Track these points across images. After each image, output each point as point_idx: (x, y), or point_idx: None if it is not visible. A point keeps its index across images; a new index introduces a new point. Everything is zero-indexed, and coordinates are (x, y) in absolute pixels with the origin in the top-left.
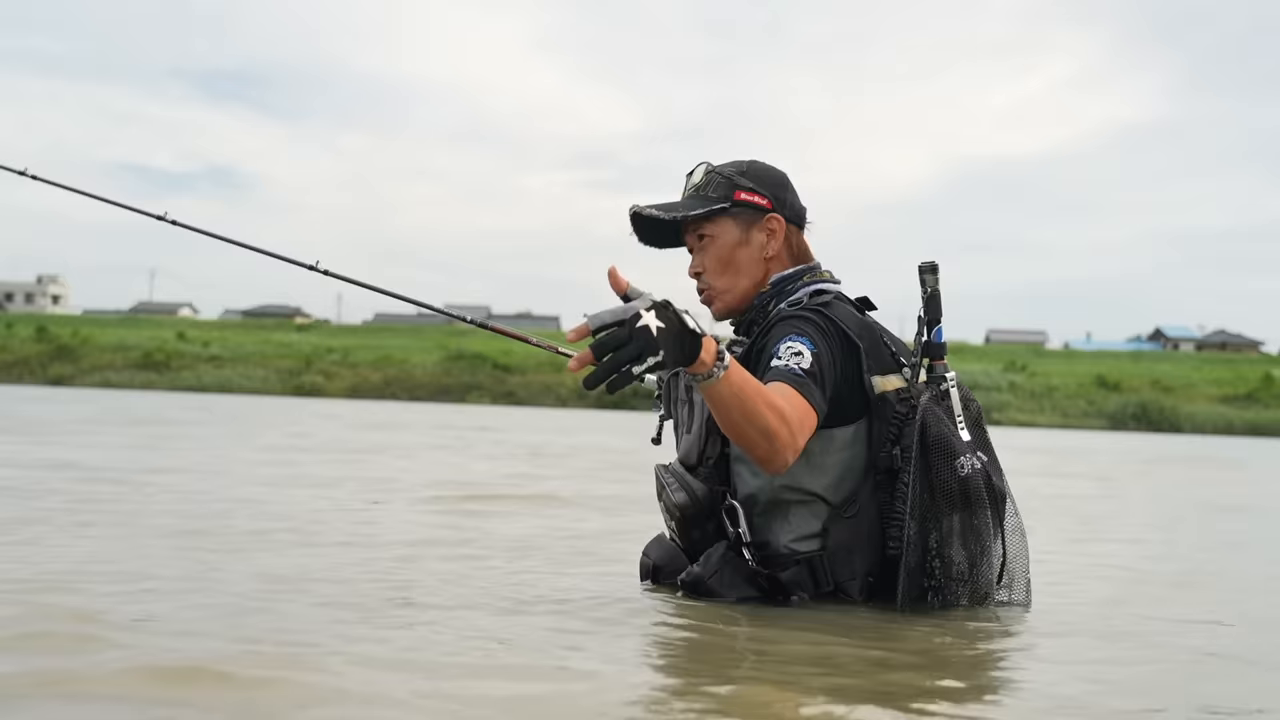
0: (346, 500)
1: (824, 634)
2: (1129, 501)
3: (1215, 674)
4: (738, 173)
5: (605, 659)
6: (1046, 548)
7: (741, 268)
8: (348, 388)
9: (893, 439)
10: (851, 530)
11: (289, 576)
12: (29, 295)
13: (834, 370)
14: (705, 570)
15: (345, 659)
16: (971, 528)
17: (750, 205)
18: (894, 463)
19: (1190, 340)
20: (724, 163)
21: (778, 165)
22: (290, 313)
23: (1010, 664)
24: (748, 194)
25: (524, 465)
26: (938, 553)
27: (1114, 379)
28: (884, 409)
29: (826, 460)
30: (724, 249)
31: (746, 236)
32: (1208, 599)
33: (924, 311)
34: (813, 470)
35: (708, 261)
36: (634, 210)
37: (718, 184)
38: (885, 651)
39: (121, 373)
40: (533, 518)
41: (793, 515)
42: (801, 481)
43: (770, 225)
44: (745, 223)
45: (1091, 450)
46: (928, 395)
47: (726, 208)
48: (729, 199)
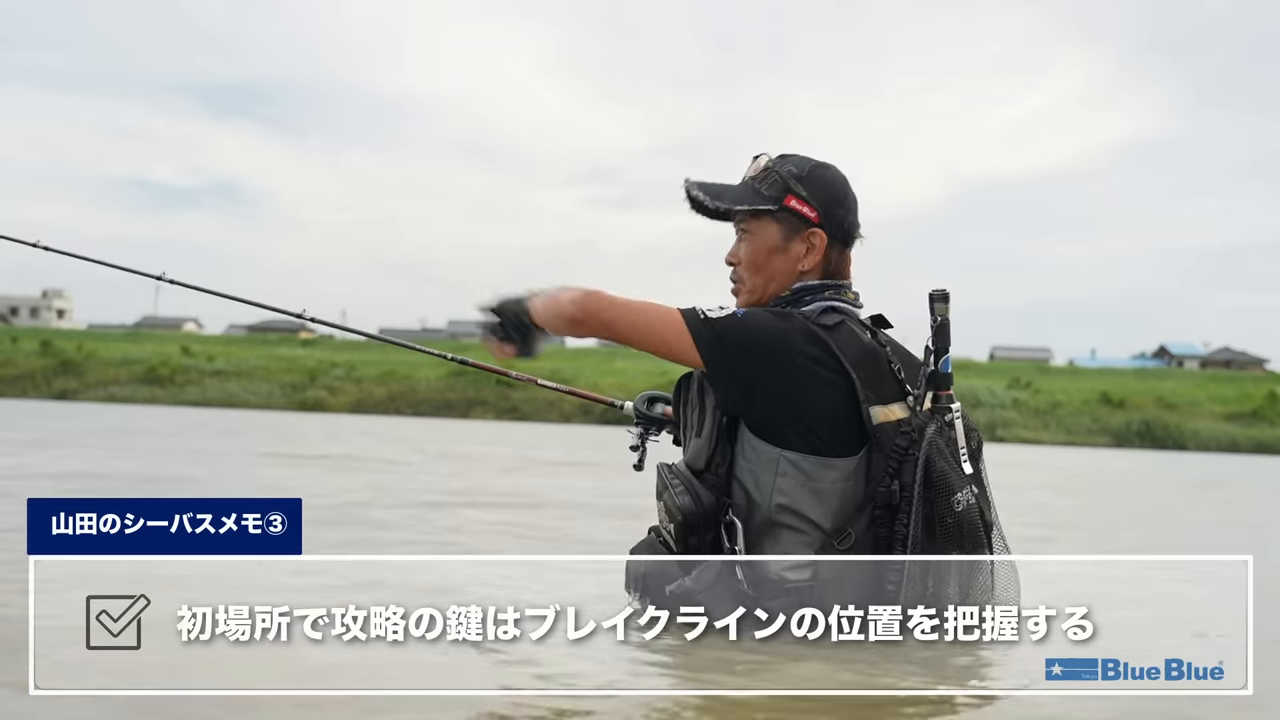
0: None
1: (817, 648)
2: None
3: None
4: (795, 177)
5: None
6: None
7: (773, 273)
8: (352, 402)
9: (892, 473)
10: (844, 563)
11: None
12: (34, 309)
13: (745, 350)
14: (698, 585)
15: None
16: (967, 564)
17: (797, 214)
18: (892, 499)
19: (1195, 358)
20: (788, 157)
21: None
22: (295, 328)
23: (1011, 674)
24: (799, 202)
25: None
26: (934, 590)
27: (1118, 396)
28: (883, 441)
29: (825, 488)
30: (760, 250)
31: (785, 244)
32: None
33: (932, 341)
34: (811, 497)
35: (743, 255)
36: (686, 185)
37: (773, 182)
38: (885, 661)
39: (125, 387)
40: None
41: (785, 540)
42: (800, 506)
43: (811, 239)
44: (788, 229)
45: (1111, 470)
46: (933, 428)
47: (774, 210)
48: (778, 202)
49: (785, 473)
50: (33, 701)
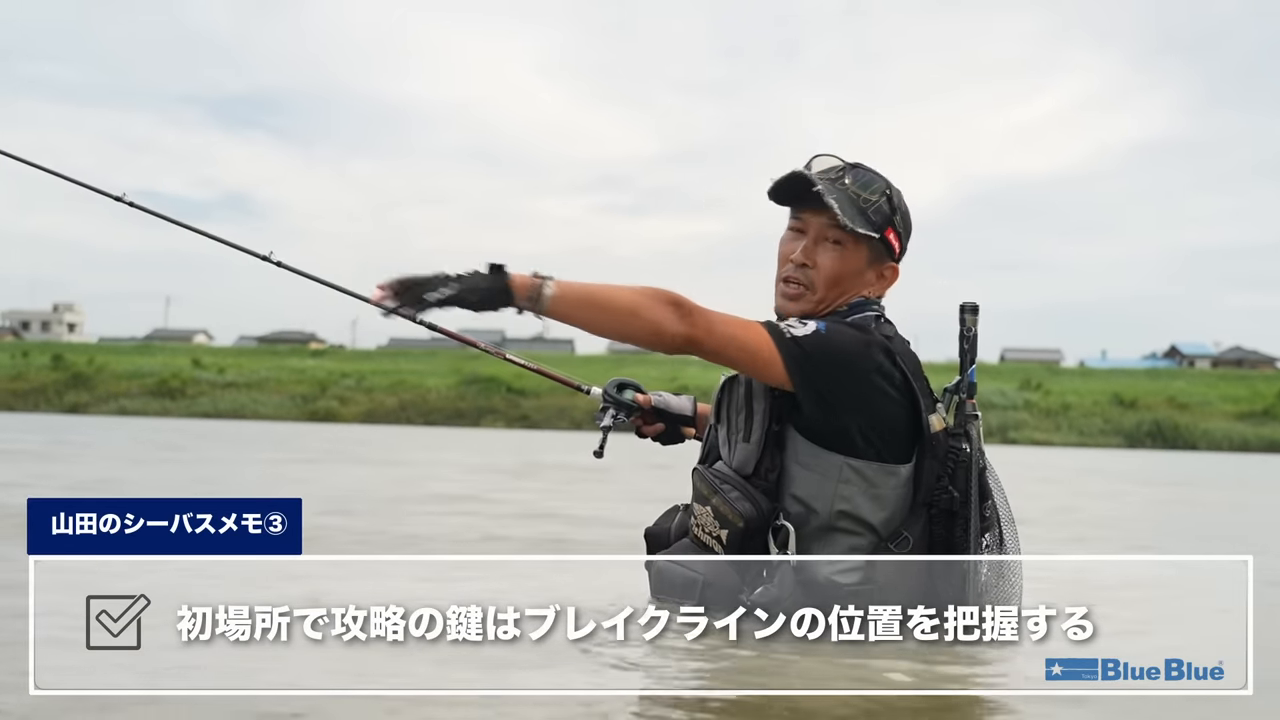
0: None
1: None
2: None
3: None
4: (895, 211)
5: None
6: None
7: (845, 292)
8: (363, 413)
9: (949, 477)
10: (899, 566)
11: None
12: (45, 323)
13: (830, 375)
14: (782, 591)
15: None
16: (1002, 564)
17: (889, 246)
18: (954, 504)
19: (1206, 357)
20: (874, 176)
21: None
22: (305, 339)
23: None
24: (895, 236)
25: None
26: (990, 596)
27: (1130, 397)
28: (936, 448)
29: (887, 494)
30: (848, 269)
31: (866, 269)
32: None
33: (964, 351)
34: (872, 502)
35: (823, 263)
36: (812, 185)
37: (880, 209)
38: (885, 661)
39: (136, 400)
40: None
41: (838, 544)
42: (861, 511)
43: (886, 271)
44: (874, 256)
45: (1115, 472)
46: (977, 435)
47: (874, 237)
48: (881, 231)
49: (848, 479)
50: (33, 701)
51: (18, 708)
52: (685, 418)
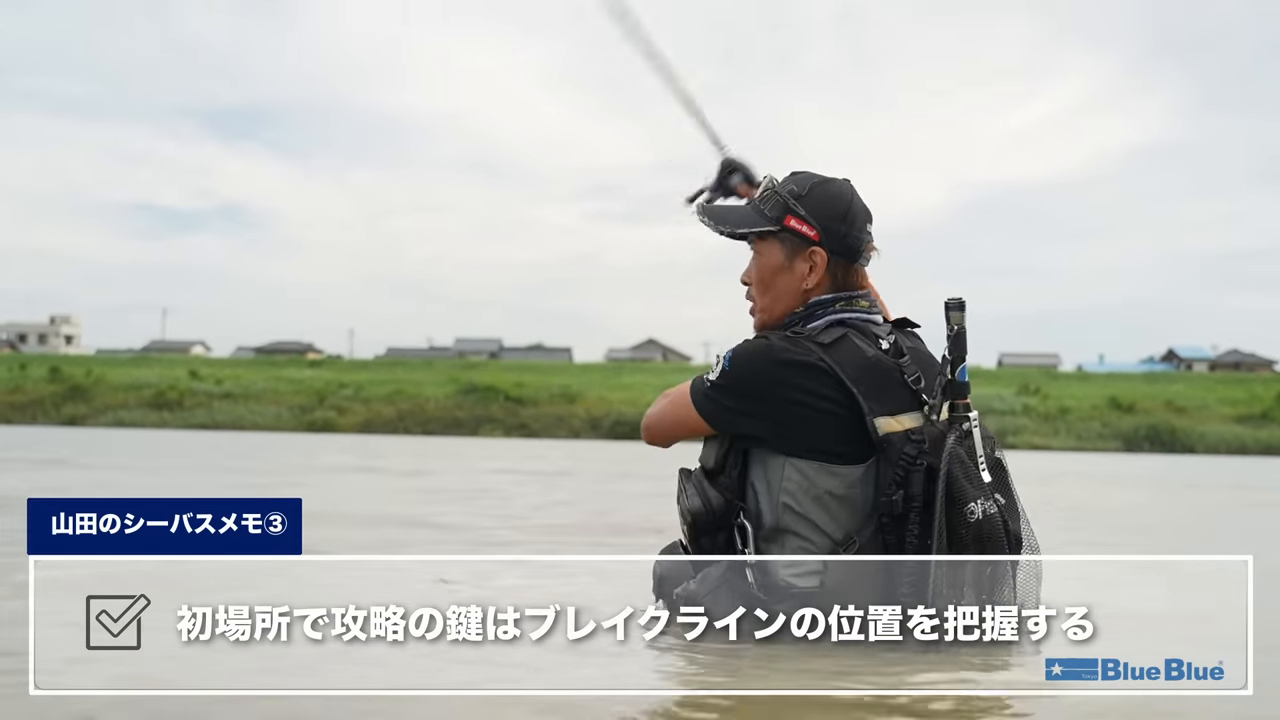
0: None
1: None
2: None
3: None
4: (795, 196)
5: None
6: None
7: (779, 293)
8: (361, 423)
9: (898, 482)
10: (850, 569)
11: None
12: (42, 336)
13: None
14: (702, 588)
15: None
16: (984, 575)
17: (797, 233)
18: (895, 508)
19: (1204, 360)
20: (789, 178)
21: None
22: (302, 349)
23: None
24: (798, 222)
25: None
26: (947, 600)
27: (1127, 400)
28: (891, 451)
29: (829, 495)
30: (767, 271)
31: (790, 264)
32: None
33: (949, 350)
34: (815, 503)
35: (754, 275)
36: (696, 211)
37: (774, 203)
38: (884, 661)
39: (134, 411)
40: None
41: (791, 545)
42: (806, 511)
43: (813, 258)
44: (790, 249)
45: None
46: (952, 438)
47: (775, 231)
48: (779, 222)
49: (790, 477)
50: (33, 701)
51: (18, 708)
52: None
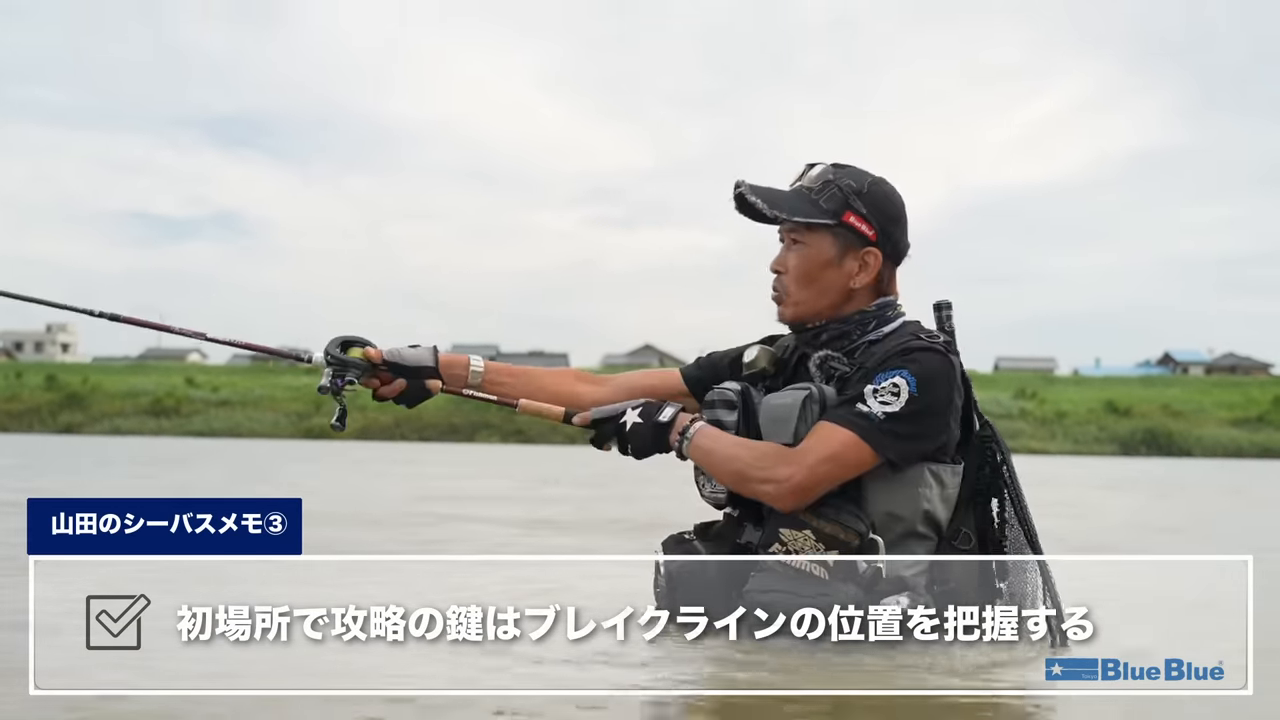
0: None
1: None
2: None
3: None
4: (854, 192)
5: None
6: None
7: (825, 288)
8: (358, 429)
9: (990, 474)
10: (963, 565)
11: None
12: (38, 344)
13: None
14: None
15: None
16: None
17: (855, 231)
18: (998, 495)
19: (1200, 364)
20: (845, 169)
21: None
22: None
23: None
24: (857, 219)
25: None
26: (1033, 591)
27: (1124, 404)
28: (978, 445)
29: (953, 493)
30: (813, 264)
31: (840, 260)
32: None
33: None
34: (944, 504)
35: (793, 266)
36: (740, 187)
37: (832, 195)
38: (885, 661)
39: (131, 419)
40: None
41: (910, 548)
42: (937, 513)
43: (867, 257)
44: (844, 245)
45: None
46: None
47: (831, 225)
48: (837, 216)
49: (929, 484)
50: (33, 701)
51: (18, 708)
52: (426, 369)
